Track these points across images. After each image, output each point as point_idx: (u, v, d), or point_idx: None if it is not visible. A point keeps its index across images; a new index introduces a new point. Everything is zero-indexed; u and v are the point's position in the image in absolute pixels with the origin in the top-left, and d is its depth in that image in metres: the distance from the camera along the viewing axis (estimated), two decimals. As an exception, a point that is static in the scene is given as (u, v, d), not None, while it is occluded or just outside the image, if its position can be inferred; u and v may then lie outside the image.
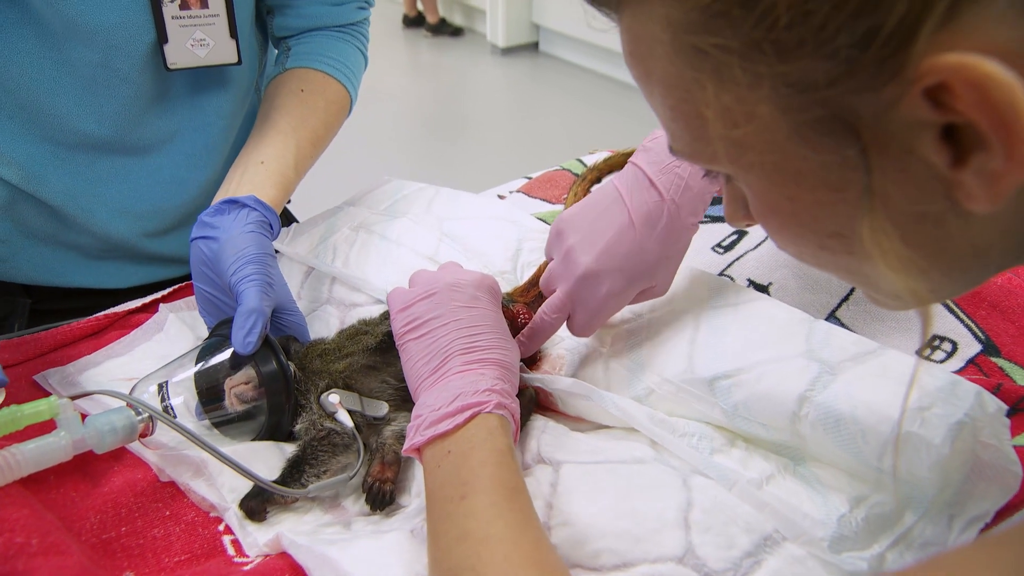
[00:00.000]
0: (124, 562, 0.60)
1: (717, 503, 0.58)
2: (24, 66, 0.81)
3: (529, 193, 1.05)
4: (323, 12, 0.96)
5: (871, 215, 0.35)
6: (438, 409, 0.58)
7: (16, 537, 0.54)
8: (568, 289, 0.72)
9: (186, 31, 0.84)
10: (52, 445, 0.60)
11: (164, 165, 0.94)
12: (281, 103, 0.90)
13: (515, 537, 0.48)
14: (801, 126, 0.34)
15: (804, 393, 0.60)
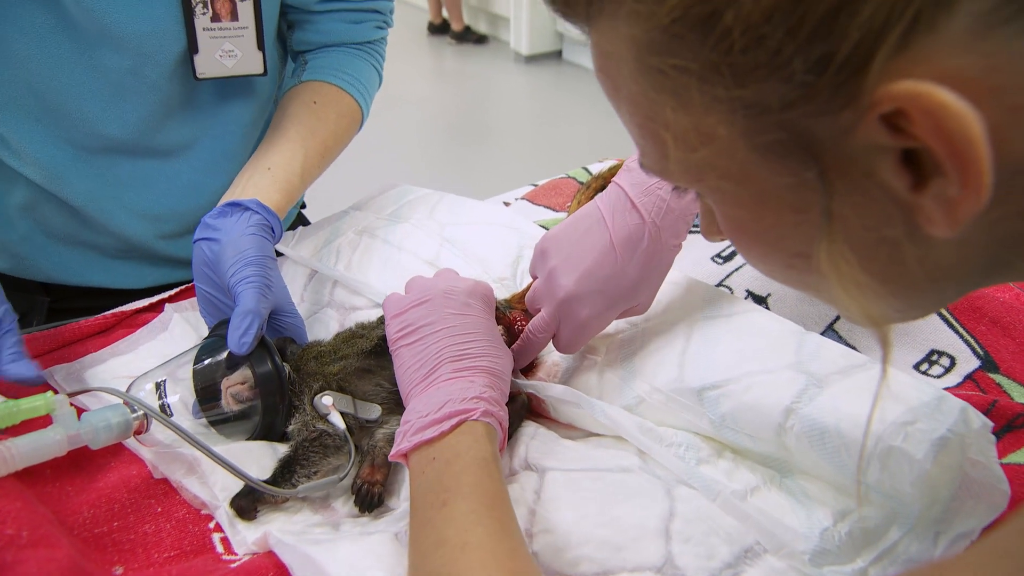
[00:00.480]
0: (114, 556, 0.61)
1: (699, 514, 0.58)
2: (55, 70, 0.84)
3: (533, 200, 1.06)
4: (341, 29, 0.98)
5: (829, 238, 0.34)
6: (426, 415, 0.59)
7: (7, 529, 0.55)
8: (551, 310, 0.72)
9: (216, 42, 0.86)
10: (47, 440, 0.61)
11: (183, 170, 0.96)
12: (293, 113, 0.92)
13: (492, 545, 0.49)
14: (760, 148, 0.34)
15: (790, 405, 0.60)
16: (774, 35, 0.30)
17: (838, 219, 0.34)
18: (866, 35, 0.29)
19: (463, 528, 0.50)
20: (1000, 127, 0.30)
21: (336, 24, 0.97)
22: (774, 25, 0.30)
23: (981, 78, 0.29)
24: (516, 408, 0.73)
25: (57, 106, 0.86)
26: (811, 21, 0.29)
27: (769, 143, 0.33)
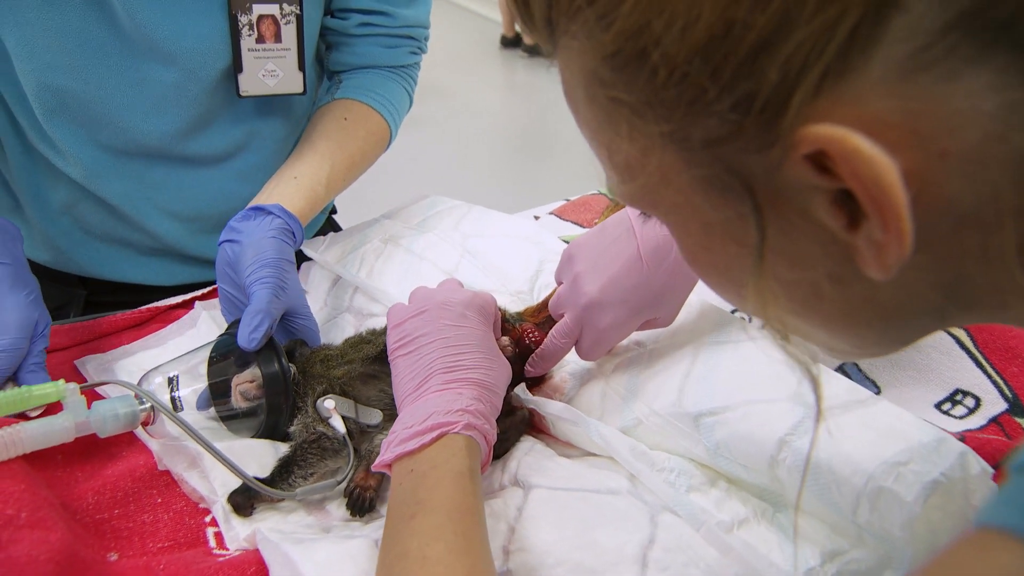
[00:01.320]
0: (111, 543, 0.64)
1: (681, 543, 0.57)
2: (103, 80, 0.88)
3: (562, 216, 1.06)
4: (377, 52, 1.01)
5: (758, 273, 0.34)
6: (410, 427, 0.59)
7: (8, 509, 0.58)
8: (575, 316, 0.72)
9: (259, 62, 0.90)
10: (55, 426, 0.64)
11: (215, 177, 1.00)
12: (324, 128, 0.95)
13: (450, 561, 0.48)
14: (700, 181, 0.34)
15: (784, 437, 0.59)
16: (698, 74, 0.30)
17: (773, 254, 0.34)
18: (785, 77, 0.28)
19: (425, 542, 0.50)
20: (929, 172, 0.29)
21: (372, 48, 1.01)
22: (697, 65, 0.30)
23: (903, 123, 0.28)
24: (516, 422, 0.73)
25: (99, 114, 0.90)
26: (732, 62, 0.29)
27: (707, 176, 0.33)
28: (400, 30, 1.01)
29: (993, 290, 0.32)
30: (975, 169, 0.29)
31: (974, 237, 0.30)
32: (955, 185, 0.29)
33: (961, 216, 0.30)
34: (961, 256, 0.31)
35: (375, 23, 0.99)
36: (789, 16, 0.27)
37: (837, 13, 0.27)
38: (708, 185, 0.34)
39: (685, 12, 0.29)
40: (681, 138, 0.32)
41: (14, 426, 0.62)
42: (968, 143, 0.28)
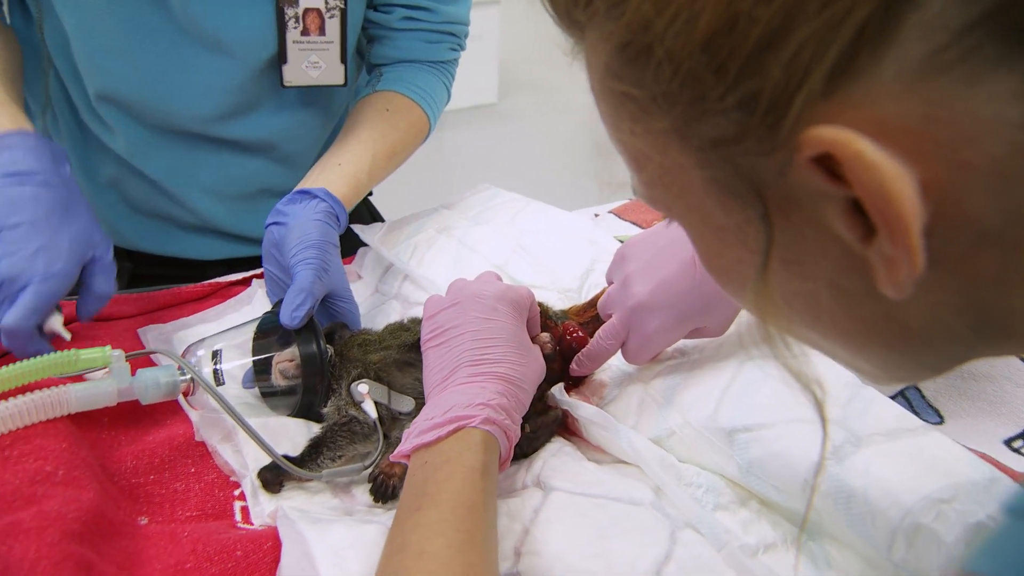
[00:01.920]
0: (144, 507, 0.66)
1: (699, 562, 0.54)
2: (152, 65, 0.91)
3: (622, 215, 1.03)
4: (418, 47, 1.02)
5: (760, 281, 0.32)
6: (430, 419, 0.59)
7: (46, 465, 0.60)
8: (622, 317, 0.70)
9: (303, 54, 0.92)
10: (99, 390, 0.66)
11: (255, 161, 1.04)
12: (366, 118, 0.97)
13: (448, 557, 0.48)
14: (711, 183, 0.32)
15: (820, 460, 0.55)
16: (703, 70, 0.28)
17: (784, 263, 0.32)
18: (789, 75, 0.26)
19: (425, 536, 0.49)
20: (950, 185, 0.26)
21: (414, 42, 1.02)
22: (701, 60, 0.28)
23: (922, 130, 0.26)
24: (547, 422, 0.72)
25: (146, 96, 0.94)
26: (737, 58, 0.27)
27: (717, 179, 0.32)
28: (441, 26, 1.02)
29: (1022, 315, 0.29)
30: (1000, 184, 0.26)
31: (1000, 259, 0.28)
32: (979, 201, 0.27)
33: (985, 234, 0.27)
34: (987, 278, 0.29)
35: (418, 18, 1.00)
36: (794, 11, 0.25)
37: (844, 9, 0.25)
38: (718, 188, 0.32)
39: (689, 5, 0.27)
40: (690, 136, 0.31)
41: (61, 387, 0.64)
42: (992, 155, 0.26)
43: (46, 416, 0.63)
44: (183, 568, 0.57)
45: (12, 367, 0.62)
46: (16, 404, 0.61)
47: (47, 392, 0.63)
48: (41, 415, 0.62)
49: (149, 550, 0.59)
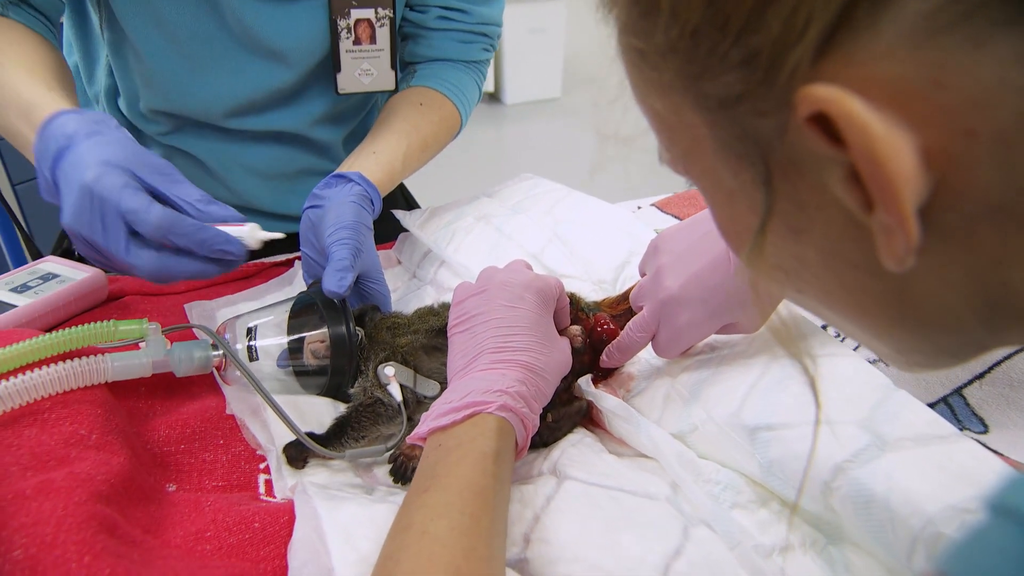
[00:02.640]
0: (173, 475, 0.68)
1: (710, 559, 0.53)
2: (207, 66, 0.95)
3: (663, 208, 1.02)
4: (452, 47, 1.05)
5: (757, 245, 0.32)
6: (449, 403, 0.59)
7: (81, 429, 0.63)
8: (653, 309, 0.70)
9: (356, 62, 0.96)
10: (135, 361, 0.68)
11: (290, 148, 1.07)
12: (401, 110, 1.00)
13: (450, 539, 0.48)
14: (720, 145, 0.32)
15: (842, 463, 0.53)
16: (707, 27, 0.28)
17: (787, 229, 0.31)
18: (788, 32, 0.26)
19: (429, 517, 0.49)
20: (955, 154, 0.25)
21: (448, 42, 1.04)
22: (706, 16, 0.28)
23: (925, 93, 0.25)
24: (571, 412, 0.71)
25: (190, 94, 0.97)
26: (739, 15, 0.27)
27: (726, 140, 0.31)
28: (475, 27, 1.04)
29: None
30: (1006, 155, 0.25)
31: (1009, 235, 0.26)
32: (985, 172, 0.25)
33: (993, 209, 0.26)
34: (996, 256, 0.27)
35: (453, 18, 1.03)
36: None
37: None
38: (726, 150, 0.32)
39: None
40: (699, 96, 0.31)
41: (99, 356, 0.67)
42: (998, 122, 0.24)
43: (83, 383, 0.65)
44: (203, 536, 0.59)
45: (54, 335, 0.64)
46: (56, 370, 0.63)
47: (85, 360, 0.65)
48: (79, 382, 0.65)
49: (174, 516, 0.61)
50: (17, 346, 0.63)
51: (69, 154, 0.68)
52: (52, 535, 0.50)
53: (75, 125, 0.70)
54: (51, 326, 0.85)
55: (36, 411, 0.62)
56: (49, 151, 0.69)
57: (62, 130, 0.70)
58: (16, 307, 0.81)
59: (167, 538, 0.59)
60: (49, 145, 0.69)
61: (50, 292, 0.85)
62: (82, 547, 0.50)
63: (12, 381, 0.60)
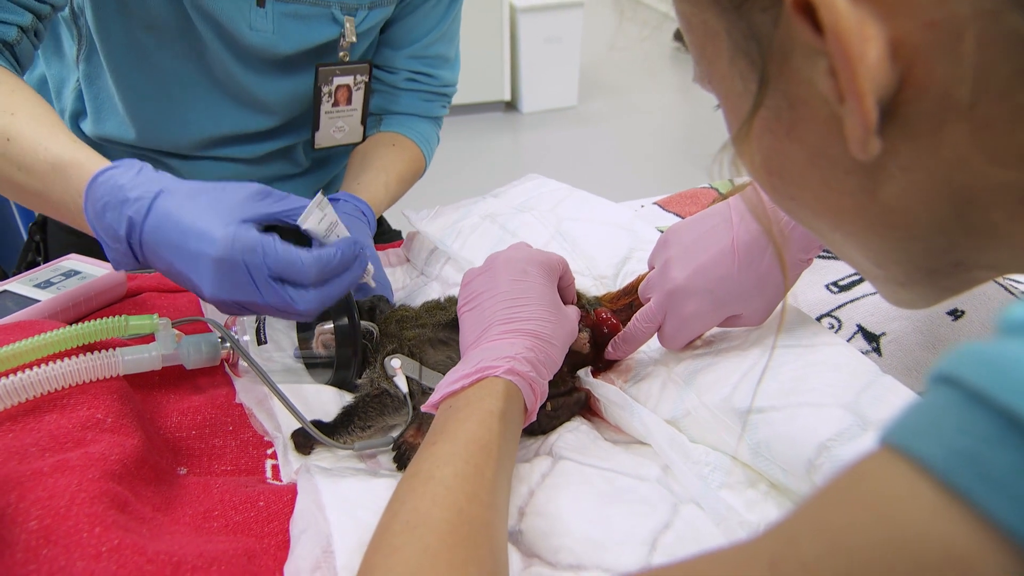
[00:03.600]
0: (184, 459, 0.70)
1: (697, 534, 0.55)
2: (186, 109, 1.00)
3: (665, 207, 1.04)
4: (417, 104, 1.14)
5: (743, 133, 0.35)
6: (460, 372, 0.61)
7: (97, 413, 0.65)
8: (659, 300, 0.71)
9: (332, 121, 1.04)
10: (144, 355, 0.70)
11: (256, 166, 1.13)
12: (376, 150, 1.09)
13: (455, 484, 0.50)
14: (734, 48, 0.35)
15: (826, 442, 0.55)
16: None
17: (780, 125, 0.34)
18: None
19: (436, 465, 0.51)
20: (917, 46, 0.28)
21: (413, 100, 1.13)
22: None
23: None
24: (570, 403, 0.73)
25: (164, 130, 1.02)
26: None
27: (737, 41, 0.34)
28: (438, 88, 1.14)
29: (1002, 207, 0.30)
30: (964, 47, 0.27)
31: (972, 135, 0.28)
32: (946, 67, 0.28)
33: (955, 106, 0.28)
34: (960, 156, 0.29)
35: (419, 80, 1.12)
36: None
37: None
38: (739, 52, 0.34)
39: None
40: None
41: (111, 351, 0.69)
42: (956, 14, 0.26)
43: (96, 376, 0.67)
44: (211, 515, 0.61)
45: (67, 330, 0.66)
46: (70, 364, 0.65)
47: (98, 355, 0.67)
48: (92, 375, 0.66)
49: (183, 497, 0.64)
50: (33, 340, 0.65)
51: (157, 224, 0.64)
52: (65, 508, 0.53)
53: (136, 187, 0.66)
54: (72, 320, 0.88)
55: (56, 397, 0.65)
56: (120, 222, 0.65)
57: (122, 194, 0.65)
58: (39, 302, 0.85)
59: (176, 516, 0.61)
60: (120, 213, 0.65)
61: (71, 288, 0.88)
62: (93, 519, 0.53)
63: (28, 373, 0.63)
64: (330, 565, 0.52)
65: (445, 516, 0.47)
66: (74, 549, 0.51)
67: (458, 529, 0.46)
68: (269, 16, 0.94)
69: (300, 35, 0.97)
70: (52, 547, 0.51)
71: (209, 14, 0.91)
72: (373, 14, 1.00)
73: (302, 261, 0.64)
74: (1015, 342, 0.24)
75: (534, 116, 4.22)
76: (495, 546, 0.48)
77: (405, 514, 0.48)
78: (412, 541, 0.46)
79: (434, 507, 0.48)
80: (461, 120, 4.04)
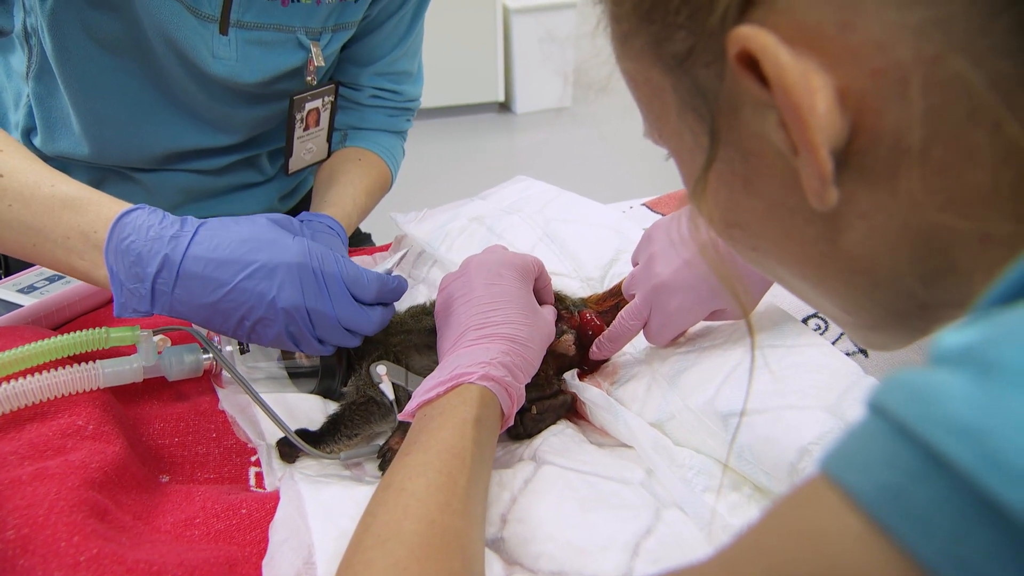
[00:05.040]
0: (167, 467, 0.70)
1: (679, 539, 0.54)
2: (146, 133, 0.99)
3: (654, 208, 1.04)
4: (381, 120, 1.14)
5: (697, 193, 0.35)
6: (436, 379, 0.61)
7: (78, 420, 0.65)
8: (644, 296, 0.71)
9: (302, 144, 1.04)
10: (125, 367, 0.70)
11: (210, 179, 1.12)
12: (343, 166, 1.08)
13: (427, 495, 0.49)
14: (681, 103, 0.34)
15: (807, 446, 0.55)
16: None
17: (736, 179, 0.34)
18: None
19: (408, 476, 0.51)
20: (865, 94, 0.28)
21: (378, 116, 1.13)
22: None
23: (838, 37, 0.27)
24: (555, 405, 0.73)
25: (120, 149, 1.01)
26: None
27: (684, 97, 0.34)
28: (403, 103, 1.14)
29: (962, 248, 0.30)
30: (911, 93, 0.27)
31: (926, 179, 0.28)
32: (895, 113, 0.28)
33: (907, 151, 0.28)
34: (916, 201, 0.29)
35: (384, 97, 1.12)
36: None
37: None
38: (686, 107, 0.34)
39: None
40: (663, 56, 0.33)
41: (92, 363, 0.68)
42: (899, 62, 0.27)
43: (77, 389, 0.66)
44: (192, 523, 0.61)
45: (46, 342, 0.65)
46: (50, 377, 0.65)
47: (79, 368, 0.67)
48: (72, 388, 0.66)
49: (165, 504, 0.63)
50: (10, 353, 0.64)
51: (209, 248, 0.65)
52: (44, 517, 0.53)
53: (171, 225, 0.66)
54: (57, 325, 0.87)
55: (37, 406, 0.65)
56: (151, 258, 0.64)
57: (154, 232, 0.65)
58: (22, 307, 0.84)
59: (157, 524, 0.61)
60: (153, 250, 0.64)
61: (56, 292, 0.87)
62: (72, 528, 0.52)
63: (6, 387, 0.62)
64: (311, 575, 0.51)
65: (416, 528, 0.47)
66: (52, 558, 0.51)
67: (430, 542, 0.46)
68: (232, 43, 0.93)
69: (265, 62, 0.96)
70: (29, 557, 0.51)
71: (171, 41, 0.89)
72: (337, 36, 1.00)
73: (367, 278, 0.68)
74: (941, 372, 0.23)
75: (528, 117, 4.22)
76: (468, 555, 0.48)
77: (376, 527, 0.48)
78: (382, 556, 0.45)
79: (405, 519, 0.48)
80: (455, 121, 4.04)
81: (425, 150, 3.77)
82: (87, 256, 0.66)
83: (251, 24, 0.93)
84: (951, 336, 0.24)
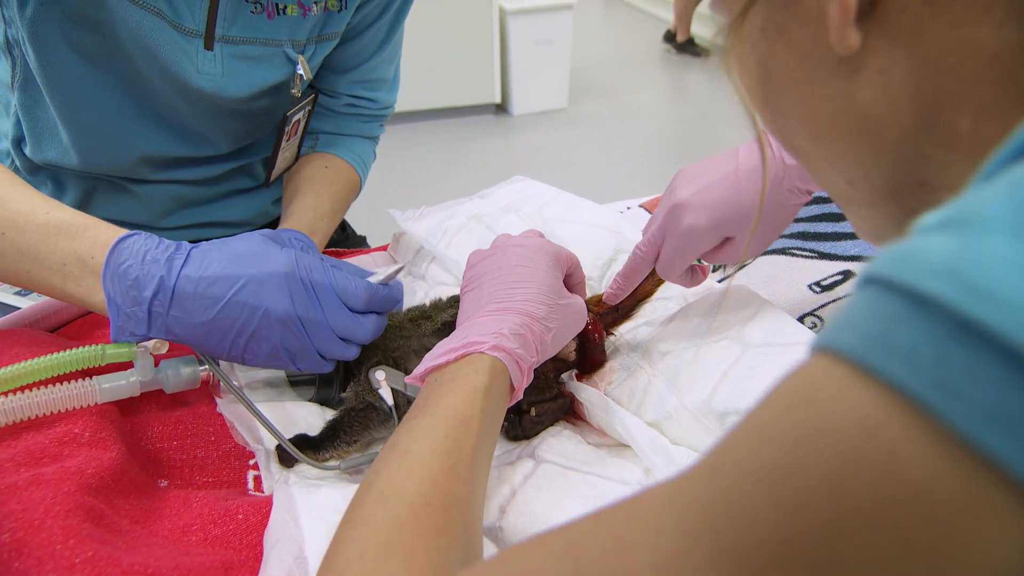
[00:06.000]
0: (165, 471, 0.70)
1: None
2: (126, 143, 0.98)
3: (650, 209, 1.04)
4: (356, 126, 1.13)
5: (734, 35, 0.38)
6: (447, 346, 0.60)
7: (74, 428, 0.65)
8: (661, 221, 0.72)
9: (282, 153, 1.04)
10: (122, 382, 0.69)
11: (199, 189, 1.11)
12: (309, 174, 1.06)
13: (431, 459, 0.49)
14: None
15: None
16: None
17: (774, 28, 0.37)
18: None
19: (415, 438, 0.51)
20: None
21: (352, 122, 1.12)
22: None
23: None
24: (554, 408, 0.73)
25: (105, 159, 0.99)
26: None
27: None
28: (377, 111, 1.13)
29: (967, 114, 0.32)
30: None
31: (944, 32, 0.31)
32: None
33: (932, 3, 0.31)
34: (934, 57, 0.32)
35: (359, 105, 1.11)
36: None
37: None
38: None
39: None
40: None
41: (88, 380, 0.67)
42: None
43: (73, 406, 0.66)
44: (190, 528, 0.61)
45: (41, 360, 0.65)
46: (46, 393, 0.64)
47: (75, 384, 0.66)
48: (68, 405, 0.66)
49: (163, 509, 0.63)
50: (4, 371, 0.64)
51: (201, 266, 0.66)
52: (39, 520, 0.53)
53: (166, 248, 0.68)
54: (54, 327, 0.87)
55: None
56: (147, 281, 0.66)
57: (151, 256, 0.66)
58: (20, 309, 0.84)
59: (155, 529, 0.61)
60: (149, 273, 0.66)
61: (51, 297, 0.87)
62: (67, 532, 0.52)
63: (1, 400, 0.62)
64: (303, 571, 0.51)
65: (419, 489, 0.47)
66: (47, 561, 0.51)
67: (432, 501, 0.46)
68: (218, 59, 0.91)
69: (252, 77, 0.94)
70: (24, 559, 0.51)
71: (154, 56, 0.88)
72: (321, 47, 0.99)
73: (356, 286, 0.69)
74: (922, 237, 0.25)
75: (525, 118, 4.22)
76: (469, 520, 0.48)
77: (379, 485, 0.48)
78: (383, 512, 0.45)
79: (408, 480, 0.48)
80: (451, 122, 4.04)
81: (422, 152, 3.77)
82: (83, 282, 0.67)
83: (237, 39, 0.91)
84: (932, 214, 0.26)
